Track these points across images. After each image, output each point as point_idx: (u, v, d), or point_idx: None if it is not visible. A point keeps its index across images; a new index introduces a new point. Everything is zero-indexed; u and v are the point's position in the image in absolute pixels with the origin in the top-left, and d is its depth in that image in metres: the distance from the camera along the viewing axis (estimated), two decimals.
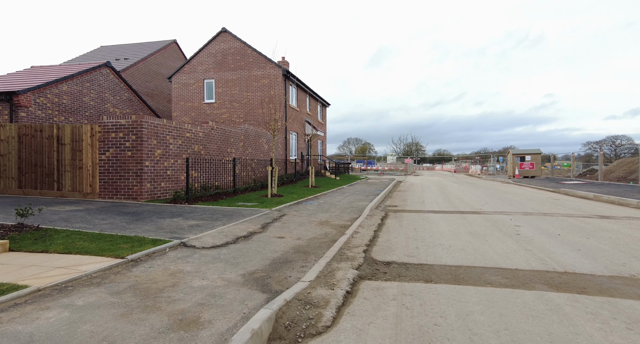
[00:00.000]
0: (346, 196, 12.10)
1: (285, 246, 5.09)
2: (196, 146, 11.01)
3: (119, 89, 15.66)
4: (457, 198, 12.46)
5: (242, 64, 18.98)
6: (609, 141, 68.16)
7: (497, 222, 7.34)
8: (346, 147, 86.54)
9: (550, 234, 6.07)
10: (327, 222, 7.17)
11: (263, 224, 6.52)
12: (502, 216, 8.21)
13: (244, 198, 10.11)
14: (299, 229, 6.29)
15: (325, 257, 4.52)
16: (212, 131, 11.96)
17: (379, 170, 43.91)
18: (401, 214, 8.51)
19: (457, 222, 7.40)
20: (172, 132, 9.92)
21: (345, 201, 10.78)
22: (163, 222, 6.20)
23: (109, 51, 24.71)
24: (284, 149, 18.70)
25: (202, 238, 5.11)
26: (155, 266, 3.91)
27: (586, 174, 32.31)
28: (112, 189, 9.03)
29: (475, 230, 6.51)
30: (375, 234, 6.17)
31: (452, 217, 8.00)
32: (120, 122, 8.95)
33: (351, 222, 7.26)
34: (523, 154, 27.32)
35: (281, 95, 18.51)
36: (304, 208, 8.86)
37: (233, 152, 13.33)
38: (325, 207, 9.28)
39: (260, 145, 15.78)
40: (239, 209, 7.99)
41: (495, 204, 10.66)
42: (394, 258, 4.72)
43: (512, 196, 13.32)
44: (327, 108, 29.90)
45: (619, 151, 65.75)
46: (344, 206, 9.48)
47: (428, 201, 11.49)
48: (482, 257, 4.69)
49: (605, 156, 67.00)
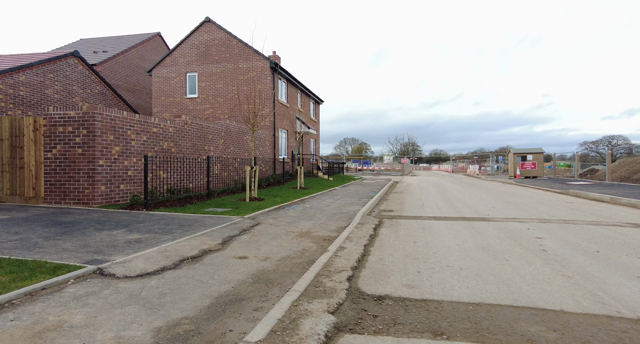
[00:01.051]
0: (337, 199, 10.84)
1: (244, 271, 3.82)
2: (165, 143, 9.71)
3: (89, 82, 14.29)
4: (459, 201, 11.25)
5: (227, 56, 17.66)
6: (605, 141, 67.72)
7: (512, 232, 6.11)
8: (342, 147, 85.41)
9: (585, 250, 4.84)
10: (309, 233, 5.90)
11: (225, 238, 5.23)
12: (516, 224, 6.99)
13: (217, 203, 8.82)
14: (270, 245, 5.01)
15: (294, 291, 3.26)
16: (186, 126, 10.66)
17: (375, 170, 42.74)
18: (398, 222, 7.27)
19: (465, 232, 6.16)
20: (134, 127, 8.61)
21: (334, 205, 9.52)
22: (95, 237, 4.90)
23: (88, 44, 23.26)
24: (272, 147, 17.42)
25: (132, 262, 3.82)
26: (24, 317, 2.58)
27: (587, 174, 31.44)
28: (60, 193, 7.70)
29: (488, 244, 5.27)
30: (366, 250, 4.91)
31: (458, 226, 6.77)
32: (69, 114, 7.62)
33: (338, 233, 6.00)
34: (524, 154, 26.21)
35: (269, 89, 17.22)
36: (285, 215, 7.59)
37: (212, 150, 12.03)
38: (310, 213, 8.01)
39: (244, 143, 14.48)
40: (203, 217, 6.69)
41: (503, 208, 9.46)
42: (389, 288, 3.47)
43: (519, 198, 12.13)
44: (322, 106, 28.66)
45: (615, 151, 65.21)
46: (332, 212, 8.22)
47: (428, 205, 10.27)
48: (507, 288, 3.45)
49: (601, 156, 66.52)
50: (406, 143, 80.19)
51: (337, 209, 8.73)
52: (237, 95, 17.60)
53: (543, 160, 26.20)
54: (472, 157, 48.23)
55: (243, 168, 13.82)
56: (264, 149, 16.44)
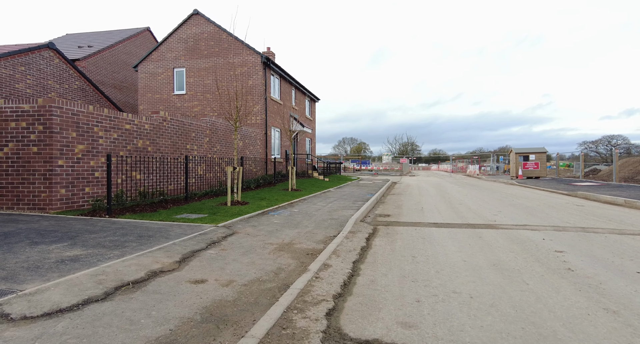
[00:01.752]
0: (330, 202, 10.00)
1: (195, 303, 2.97)
2: (140, 141, 8.84)
3: (67, 77, 13.40)
4: (461, 204, 10.42)
5: (217, 50, 16.79)
6: (605, 141, 67.18)
7: (526, 244, 5.28)
8: (341, 146, 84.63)
9: (621, 270, 4.00)
10: (290, 245, 5.05)
11: (187, 253, 4.38)
12: (528, 232, 6.16)
13: (195, 207, 7.96)
14: (240, 262, 4.16)
15: (250, 336, 2.41)
16: (165, 122, 9.79)
17: (373, 170, 41.92)
18: (394, 230, 6.43)
19: (471, 243, 5.32)
20: (102, 123, 7.74)
21: (326, 209, 8.67)
22: (22, 254, 4.03)
23: (74, 39, 22.35)
24: (263, 146, 16.55)
25: (46, 292, 2.96)
26: None
27: (589, 175, 30.86)
28: (13, 197, 6.83)
29: (500, 260, 4.43)
30: (355, 269, 4.07)
31: (462, 235, 5.94)
32: (23, 108, 6.75)
33: (325, 244, 5.16)
34: (527, 153, 25.40)
35: (260, 85, 16.35)
36: (267, 222, 6.73)
37: (195, 149, 11.17)
38: (297, 219, 7.16)
39: (232, 141, 13.62)
40: (170, 226, 5.83)
41: (510, 212, 8.63)
42: (379, 328, 2.63)
43: (525, 201, 11.31)
44: (320, 105, 27.80)
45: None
46: (321, 218, 7.37)
47: (427, 208, 9.43)
48: (535, 329, 2.61)
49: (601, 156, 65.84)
50: (405, 143, 79.51)
51: (328, 214, 7.88)
52: (227, 91, 16.75)
53: (546, 160, 25.41)
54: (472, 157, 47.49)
55: None
56: (255, 148, 15.58)
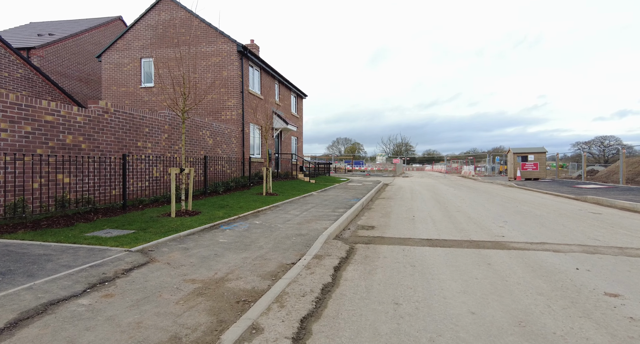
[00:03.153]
0: (305, 210, 8.43)
1: None
2: (70, 137, 7.19)
3: (7, 64, 11.66)
4: (459, 211, 8.92)
5: (188, 38, 15.12)
6: (598, 142, 66.85)
7: (555, 277, 3.76)
8: (335, 147, 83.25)
9: None
10: (220, 285, 3.48)
11: (32, 309, 2.76)
12: (551, 255, 4.66)
13: (128, 220, 6.32)
14: (116, 325, 2.57)
15: None
16: (106, 115, 8.14)
17: (365, 171, 40.46)
18: (376, 251, 4.89)
19: (478, 276, 3.80)
20: (5, 112, 6.08)
21: (296, 220, 7.10)
22: None
23: (37, 27, 20.49)
24: (240, 145, 14.92)
25: None
26: None
27: (586, 176, 29.98)
28: None
29: (527, 311, 2.91)
30: (302, 334, 2.51)
31: (465, 260, 4.42)
32: None
33: (273, 280, 3.61)
34: (525, 153, 24.09)
35: (236, 77, 14.72)
36: (209, 242, 5.14)
37: (149, 147, 9.53)
38: (253, 236, 5.57)
39: (200, 138, 11.99)
40: (62, 250, 4.20)
41: (518, 223, 7.15)
42: None
43: (531, 207, 9.86)
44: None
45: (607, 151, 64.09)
46: (285, 233, 5.79)
47: (420, 217, 7.92)
48: None
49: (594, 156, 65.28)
50: (399, 143, 78.44)
51: (297, 227, 6.31)
52: (200, 84, 15.10)
53: (546, 160, 24.12)
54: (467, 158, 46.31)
55: (196, 169, 11.33)
56: (229, 147, 13.95)
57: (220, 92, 14.80)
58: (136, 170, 8.94)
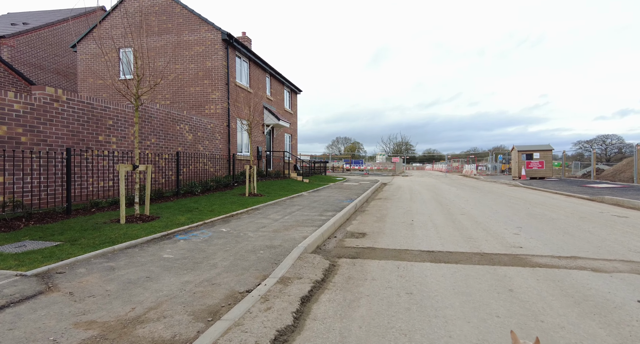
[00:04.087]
0: (288, 214, 7.32)
1: None
2: (4, 128, 6.08)
3: None
4: (464, 214, 7.81)
5: (169, 26, 14.01)
6: (599, 140, 65.88)
7: (610, 313, 2.65)
8: (335, 146, 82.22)
9: None
10: (127, 330, 2.37)
11: None
12: (592, 277, 3.55)
13: (62, 227, 5.21)
14: None
15: None
16: (56, 103, 7.04)
17: (364, 170, 39.33)
18: (363, 269, 3.78)
19: (498, 309, 2.69)
20: None
21: (273, 226, 5.99)
22: None
23: (14, 18, 19.37)
24: (225, 141, 13.81)
25: None
26: None
27: (591, 174, 29.00)
28: None
29: None
30: None
31: (478, 283, 3.32)
32: None
33: (209, 321, 2.50)
34: (530, 151, 22.95)
35: (220, 68, 13.60)
36: (149, 258, 4.03)
37: (114, 142, 8.42)
38: (212, 248, 4.46)
39: (177, 133, 10.88)
40: None
41: (535, 229, 6.04)
42: None
43: (545, 209, 8.74)
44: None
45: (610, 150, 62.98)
46: (252, 245, 4.68)
47: (420, 222, 6.80)
48: None
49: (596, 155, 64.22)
50: (399, 143, 77.37)
51: (269, 237, 5.19)
52: (182, 75, 14.00)
53: (552, 159, 22.99)
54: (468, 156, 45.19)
55: (170, 167, 10.22)
56: (213, 143, 12.84)
57: (203, 84, 13.69)
58: (97, 168, 7.83)
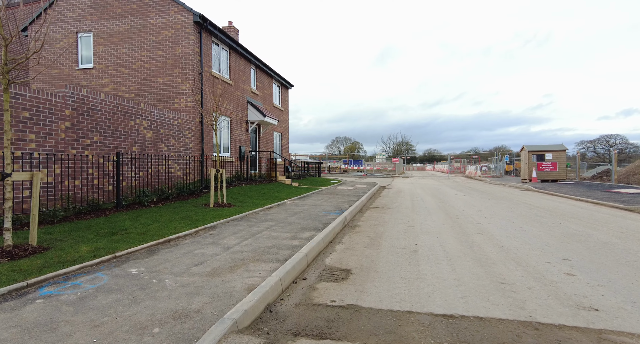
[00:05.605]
0: (251, 236, 5.43)
1: None
2: None
3: None
4: (481, 233, 5.91)
5: (134, 7, 12.12)
6: (603, 140, 64.35)
7: None
8: (335, 146, 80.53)
9: None
10: None
11: None
12: None
13: None
14: None
15: None
16: None
17: (362, 171, 37.44)
18: None
19: None
20: None
21: (216, 263, 4.12)
22: None
23: None
24: (198, 140, 11.93)
25: None
26: None
27: (602, 176, 27.29)
28: None
29: None
30: None
31: None
32: None
33: None
34: (542, 152, 21.07)
35: (192, 55, 11.72)
36: None
37: (32, 140, 6.55)
38: (74, 322, 2.59)
39: (131, 130, 9.00)
40: None
41: (598, 267, 4.16)
42: None
43: (582, 225, 6.84)
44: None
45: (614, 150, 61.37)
46: (156, 311, 2.80)
47: (426, 248, 4.87)
48: None
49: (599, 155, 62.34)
50: (399, 142, 75.65)
51: (194, 287, 3.32)
52: (148, 64, 12.12)
53: (565, 160, 21.11)
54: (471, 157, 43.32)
55: (123, 171, 8.34)
56: (180, 142, 10.96)
57: (173, 73, 11.81)
58: None
